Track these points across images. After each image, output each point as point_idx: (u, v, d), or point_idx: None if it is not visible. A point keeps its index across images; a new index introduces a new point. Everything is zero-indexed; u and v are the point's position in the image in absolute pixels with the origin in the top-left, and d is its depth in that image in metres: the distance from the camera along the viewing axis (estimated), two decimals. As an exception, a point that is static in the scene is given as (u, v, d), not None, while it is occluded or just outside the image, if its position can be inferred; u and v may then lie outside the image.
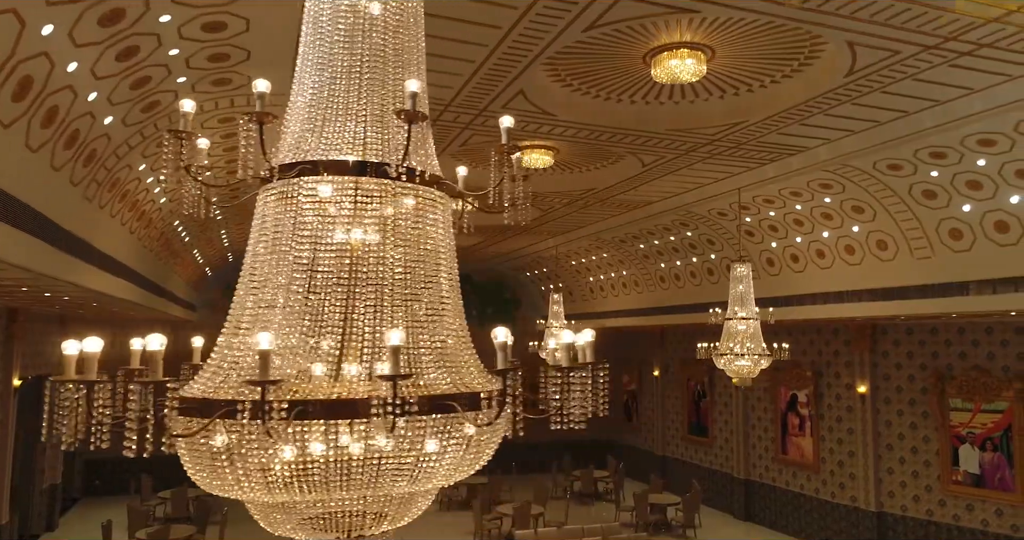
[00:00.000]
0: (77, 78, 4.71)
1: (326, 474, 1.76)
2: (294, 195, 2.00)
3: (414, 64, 2.04)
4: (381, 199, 1.89)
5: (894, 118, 7.24)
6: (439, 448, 1.77)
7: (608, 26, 5.38)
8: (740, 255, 10.54)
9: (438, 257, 2.02)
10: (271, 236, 2.02)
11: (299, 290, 1.89)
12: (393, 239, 1.93)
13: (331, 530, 1.92)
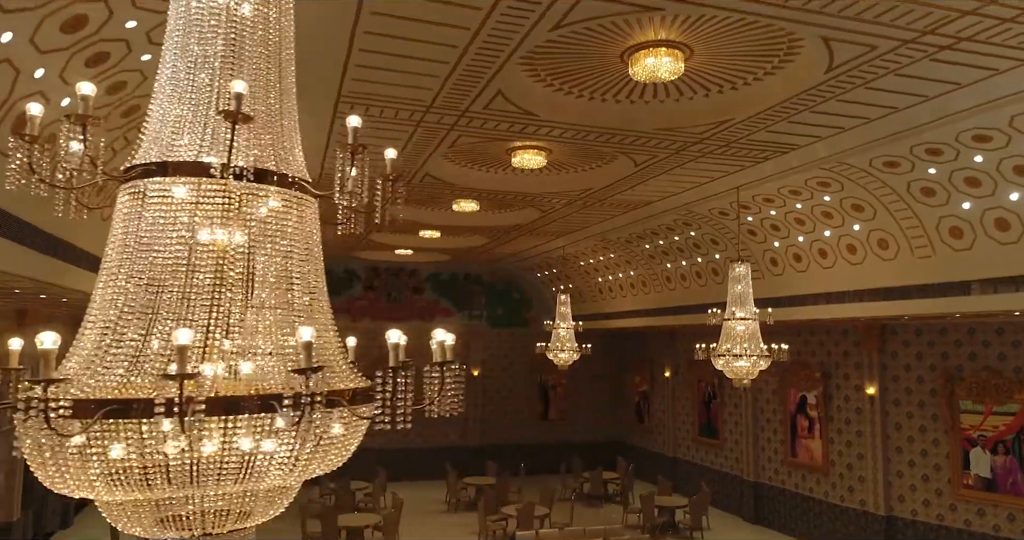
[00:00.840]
0: (45, 84, 4.80)
1: (176, 472, 1.76)
2: (145, 195, 2.01)
3: (280, 65, 2.03)
4: (233, 200, 1.89)
5: (884, 114, 7.10)
6: (273, 445, 1.76)
7: (577, 25, 5.34)
8: (739, 255, 10.42)
9: (301, 256, 2.02)
10: (122, 235, 2.03)
11: (153, 288, 1.90)
12: (252, 239, 1.92)
13: (185, 529, 1.93)
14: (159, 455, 1.74)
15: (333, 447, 1.86)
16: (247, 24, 1.96)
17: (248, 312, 1.87)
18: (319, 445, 1.82)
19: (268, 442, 1.73)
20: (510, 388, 21.30)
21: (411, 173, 9.86)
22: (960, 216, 8.47)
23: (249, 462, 1.75)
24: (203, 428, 1.67)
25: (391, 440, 19.73)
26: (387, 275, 20.45)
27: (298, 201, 2.10)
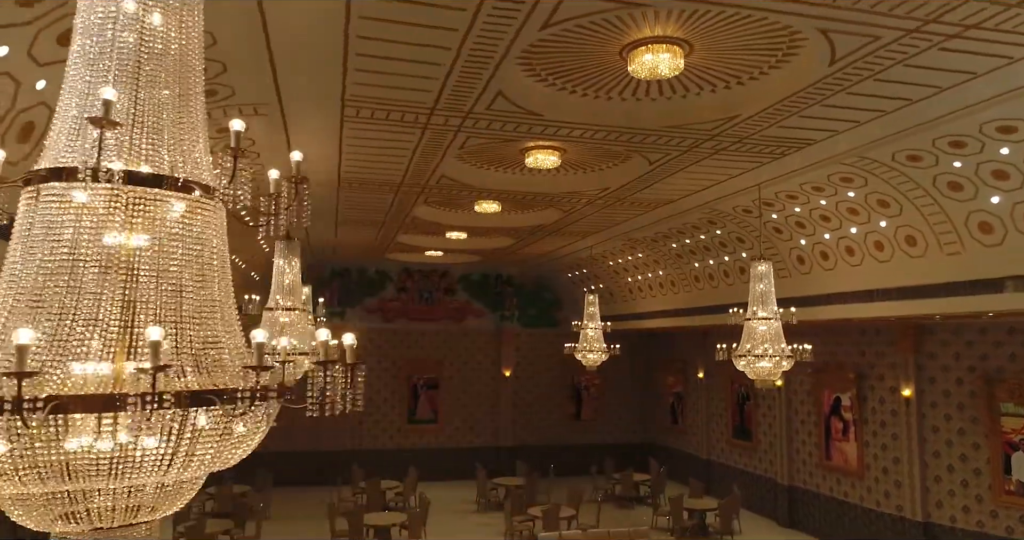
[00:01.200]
0: (48, 95, 5.00)
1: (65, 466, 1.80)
2: (43, 199, 2.06)
3: (181, 73, 2.07)
4: (130, 204, 1.94)
5: (899, 107, 6.87)
6: (157, 442, 1.80)
7: (568, 22, 5.32)
8: (761, 253, 10.20)
9: (201, 259, 2.05)
10: (25, 237, 2.08)
11: (53, 289, 1.95)
12: (153, 242, 1.97)
13: (82, 523, 1.98)
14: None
15: (219, 444, 1.89)
16: (146, 32, 2.00)
17: (142, 313, 1.92)
18: (197, 441, 1.85)
19: (122, 437, 1.76)
20: (542, 389, 21.27)
21: (427, 175, 9.94)
22: (989, 210, 8.14)
23: (121, 459, 1.79)
24: (53, 426, 1.71)
25: (423, 440, 19.94)
26: (419, 276, 20.64)
27: (202, 205, 2.14)
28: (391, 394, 20.17)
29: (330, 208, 12.07)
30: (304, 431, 19.38)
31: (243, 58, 5.79)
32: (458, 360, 20.77)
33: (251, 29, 5.24)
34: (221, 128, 7.19)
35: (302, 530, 14.37)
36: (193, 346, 1.97)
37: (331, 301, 19.79)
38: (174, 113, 2.02)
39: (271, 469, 18.62)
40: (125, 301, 1.87)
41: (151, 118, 2.00)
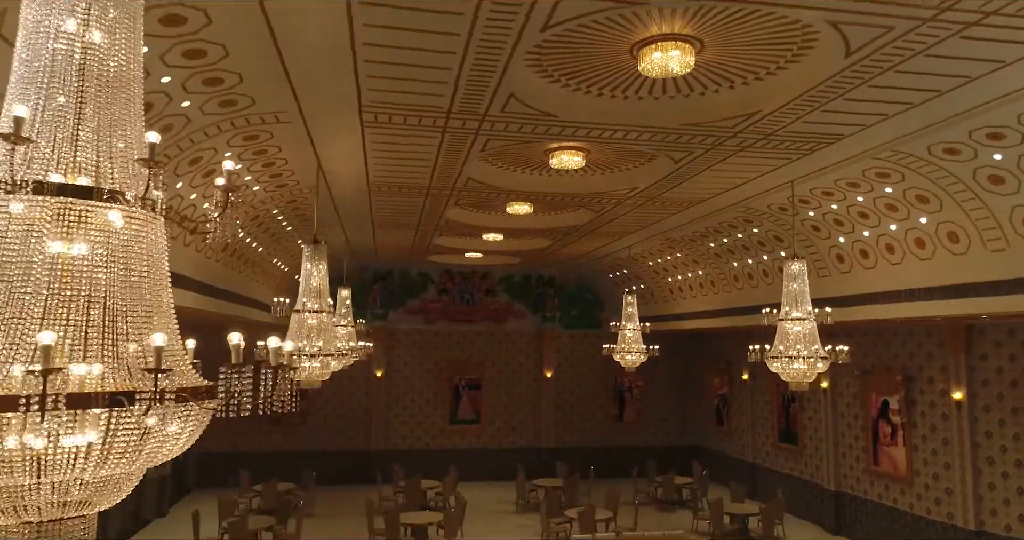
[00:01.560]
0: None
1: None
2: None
3: (119, 89, 2.14)
4: (65, 214, 2.02)
5: (927, 98, 6.60)
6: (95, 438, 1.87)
7: (570, 22, 5.30)
8: (794, 252, 9.94)
9: (131, 266, 2.12)
10: None
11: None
12: (92, 254, 2.05)
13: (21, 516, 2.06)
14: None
15: (139, 443, 1.95)
16: (82, 46, 2.08)
17: (81, 320, 2.00)
18: (111, 440, 1.92)
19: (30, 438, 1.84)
20: (585, 390, 21.16)
21: (454, 177, 10.03)
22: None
23: (42, 456, 1.87)
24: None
25: (465, 441, 20.07)
26: (460, 278, 20.80)
27: (142, 218, 2.21)
28: (433, 395, 20.39)
29: (362, 211, 12.29)
30: (348, 431, 19.76)
31: (257, 68, 5.96)
32: (499, 361, 20.85)
33: (260, 40, 5.39)
34: (248, 136, 7.43)
35: (342, 528, 14.66)
36: (118, 350, 2.05)
37: (374, 303, 20.15)
38: (108, 126, 2.09)
39: (315, 468, 19.03)
40: (51, 306, 1.96)
41: (82, 131, 2.08)
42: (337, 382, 19.47)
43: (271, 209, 10.93)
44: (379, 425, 19.80)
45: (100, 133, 2.07)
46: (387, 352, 20.11)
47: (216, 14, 4.94)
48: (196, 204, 8.69)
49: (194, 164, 7.57)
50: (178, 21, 4.90)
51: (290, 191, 10.26)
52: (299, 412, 19.41)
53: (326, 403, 19.67)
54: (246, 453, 18.84)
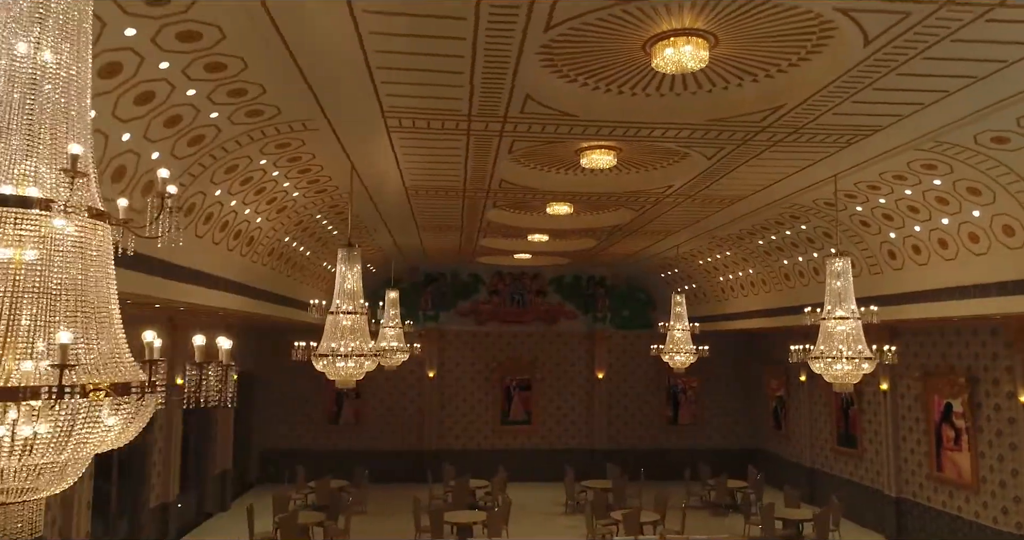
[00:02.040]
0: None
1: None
2: None
3: (60, 99, 2.25)
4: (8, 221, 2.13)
5: (964, 85, 6.28)
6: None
7: (574, 21, 5.29)
8: (837, 248, 9.59)
9: (72, 270, 2.23)
10: None
11: None
12: (30, 255, 2.17)
13: None
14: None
15: (70, 434, 2.06)
16: (17, 63, 2.20)
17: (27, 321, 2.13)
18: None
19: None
20: (637, 391, 20.92)
21: (487, 179, 10.11)
22: (1093, 195, 7.27)
23: None
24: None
25: (516, 441, 20.14)
26: (510, 279, 20.90)
27: (85, 224, 2.29)
28: (484, 395, 20.54)
29: (404, 214, 12.52)
30: (402, 431, 20.12)
31: (277, 79, 6.17)
32: (550, 362, 20.83)
33: (275, 50, 5.59)
34: (280, 144, 7.69)
35: (392, 525, 14.94)
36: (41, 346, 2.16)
37: (426, 305, 20.46)
38: (50, 135, 2.20)
39: (370, 466, 19.43)
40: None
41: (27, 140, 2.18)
42: (390, 383, 19.90)
43: (314, 214, 11.26)
44: (432, 425, 20.09)
45: (39, 142, 2.19)
46: (439, 353, 20.39)
47: (229, 29, 5.15)
48: (237, 210, 9.04)
49: (230, 172, 7.89)
50: (193, 37, 5.13)
51: (330, 196, 10.55)
52: (353, 412, 19.91)
53: (380, 403, 20.09)
54: (304, 451, 19.42)
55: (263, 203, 9.42)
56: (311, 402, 19.77)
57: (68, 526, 9.75)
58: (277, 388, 19.57)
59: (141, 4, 4.55)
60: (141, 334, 2.56)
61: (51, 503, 9.46)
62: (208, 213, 8.34)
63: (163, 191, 2.54)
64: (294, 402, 19.72)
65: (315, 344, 8.62)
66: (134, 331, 2.58)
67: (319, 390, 19.78)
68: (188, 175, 7.25)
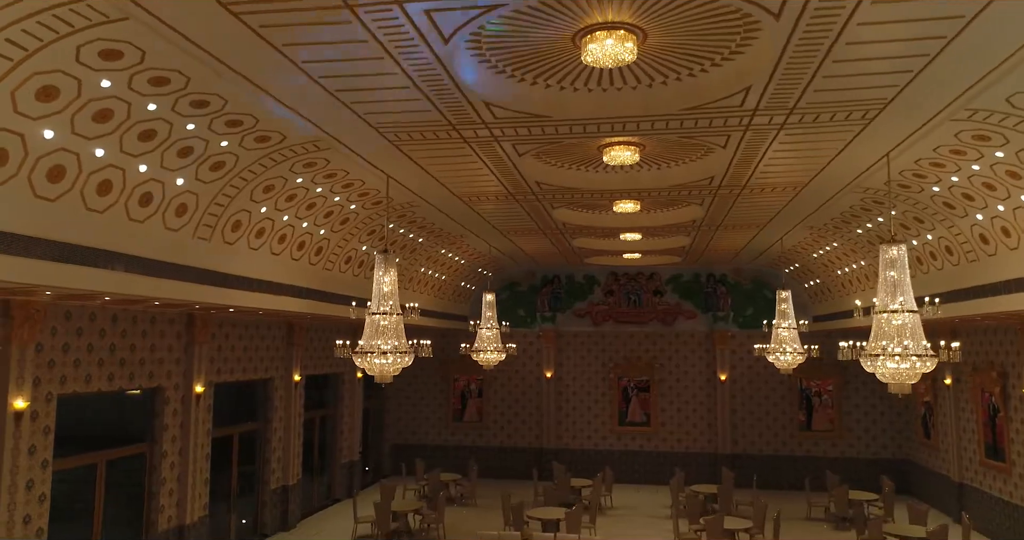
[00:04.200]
0: (112, 159, 6.72)
1: None
2: None
3: None
4: None
5: (943, 46, 5.61)
6: None
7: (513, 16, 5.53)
8: (891, 234, 8.68)
9: None
10: None
11: None
12: None
13: None
14: None
15: None
16: None
17: None
18: None
19: None
20: (764, 394, 19.78)
21: (522, 182, 10.39)
22: None
23: None
24: None
25: (635, 443, 19.94)
26: (626, 279, 20.74)
27: None
28: (602, 396, 20.54)
29: (476, 219, 13.10)
30: (522, 429, 20.72)
31: (260, 109, 7.00)
32: (669, 363, 20.34)
33: (241, 86, 6.40)
34: (307, 163, 8.59)
35: (491, 517, 15.51)
36: None
37: (543, 307, 20.93)
38: None
39: (490, 462, 20.30)
40: None
41: None
42: (512, 382, 20.65)
43: (381, 222, 12.20)
44: (550, 424, 20.46)
45: None
46: (557, 354, 20.73)
47: (192, 73, 6.02)
48: (294, 224, 10.15)
49: (268, 191, 8.94)
50: (162, 82, 6.07)
51: (394, 206, 11.37)
52: (476, 410, 20.86)
53: (501, 402, 20.84)
54: (430, 446, 20.70)
55: (320, 216, 10.46)
56: (437, 400, 21.02)
57: (184, 501, 11.45)
58: (407, 387, 21.07)
59: (98, 59, 5.52)
60: None
61: (167, 478, 11.20)
62: (259, 228, 9.48)
63: None
64: (422, 400, 21.08)
65: (349, 342, 9.48)
66: None
67: (445, 389, 21.01)
68: (223, 195, 8.37)
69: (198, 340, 11.71)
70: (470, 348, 15.52)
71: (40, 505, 8.82)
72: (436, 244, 14.84)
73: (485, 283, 16.97)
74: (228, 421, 13.32)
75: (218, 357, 12.56)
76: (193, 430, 11.64)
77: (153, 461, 11.10)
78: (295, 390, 15.07)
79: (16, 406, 8.41)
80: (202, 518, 11.88)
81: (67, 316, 9.29)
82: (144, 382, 10.75)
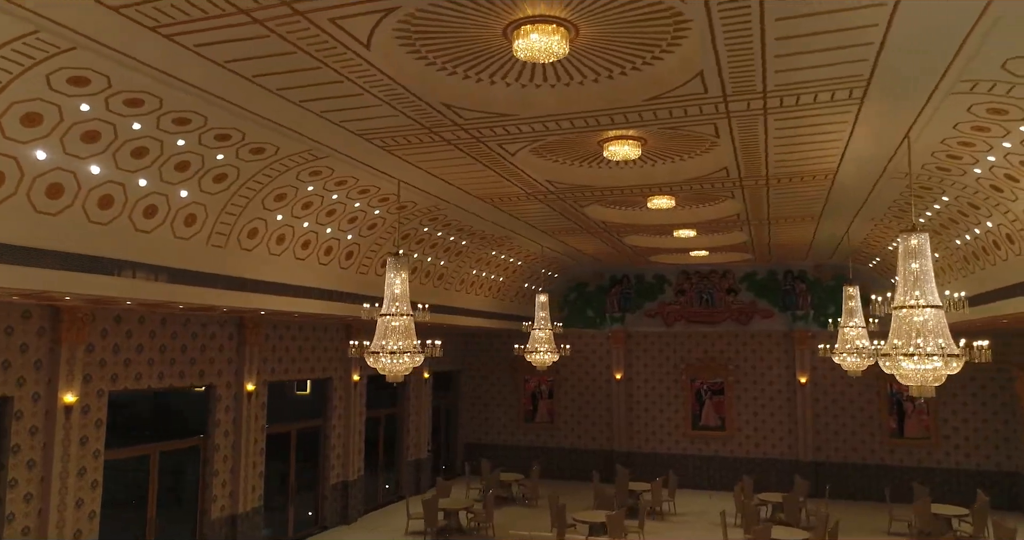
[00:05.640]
0: (110, 176, 7.37)
1: None
2: None
3: None
4: None
5: (890, 12, 5.11)
6: None
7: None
8: (913, 222, 7.90)
9: None
10: None
11: None
12: None
13: None
14: None
15: None
16: None
17: None
18: None
19: None
20: (851, 398, 18.46)
21: (532, 182, 10.34)
22: None
23: None
24: None
25: (709, 447, 19.22)
26: (697, 278, 20.03)
27: None
28: (674, 398, 19.92)
29: (510, 221, 13.15)
30: (593, 431, 20.49)
31: (248, 123, 7.42)
32: (745, 365, 19.43)
33: (223, 106, 6.84)
34: (312, 172, 9.02)
35: (543, 517, 15.44)
36: None
37: (612, 307, 20.62)
38: None
39: (560, 464, 20.26)
40: None
41: None
42: (582, 384, 20.53)
43: (422, 228, 12.50)
44: (621, 426, 20.09)
45: None
46: (626, 355, 20.34)
47: (164, 96, 6.52)
48: (317, 231, 10.63)
49: (280, 200, 9.43)
50: (137, 103, 6.60)
51: (410, 211, 11.64)
52: (547, 411, 20.85)
53: (572, 403, 20.71)
54: (502, 446, 20.90)
55: (344, 222, 10.90)
56: (509, 401, 21.20)
57: (236, 492, 12.26)
58: (479, 387, 21.41)
59: (69, 86, 6.10)
60: None
61: (219, 470, 12.04)
62: (280, 235, 10.02)
63: None
64: (494, 400, 21.34)
65: (368, 342, 9.79)
66: None
67: (516, 389, 21.16)
68: (233, 205, 8.92)
69: (249, 341, 12.51)
70: (523, 349, 15.57)
71: (92, 491, 9.77)
72: (483, 246, 15.01)
73: (540, 284, 16.97)
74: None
75: (272, 357, 13.36)
76: (245, 426, 12.44)
77: (207, 454, 11.97)
78: (355, 389, 15.72)
79: (66, 400, 9.38)
80: (256, 508, 12.67)
81: (116, 319, 10.24)
82: (195, 380, 11.63)
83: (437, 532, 14.11)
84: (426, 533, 13.87)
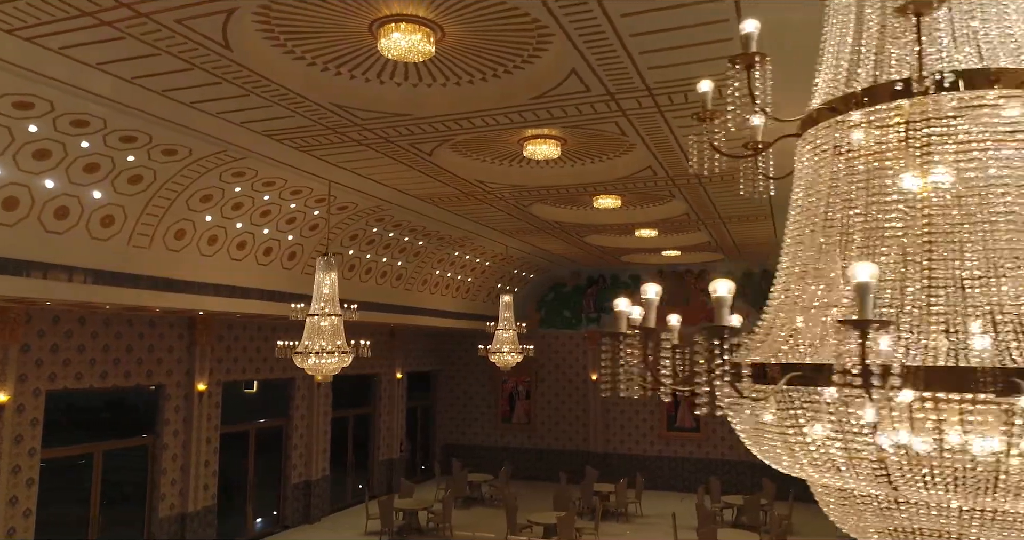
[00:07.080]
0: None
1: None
2: None
3: None
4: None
5: None
6: None
7: (262, 37, 5.66)
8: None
9: None
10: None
11: None
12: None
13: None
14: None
15: None
16: None
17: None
18: None
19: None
20: (826, 399, 18.18)
21: (468, 184, 10.32)
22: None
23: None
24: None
25: (685, 449, 19.03)
26: (673, 278, 19.87)
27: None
28: (649, 399, 19.71)
29: (460, 221, 13.15)
30: (569, 432, 20.40)
31: (155, 126, 7.50)
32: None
33: (122, 113, 6.92)
34: (235, 172, 9.05)
35: (504, 517, 15.39)
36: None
37: (588, 307, 20.53)
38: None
39: (536, 465, 20.19)
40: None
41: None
42: (559, 384, 20.43)
43: (370, 228, 12.52)
44: (598, 428, 19.99)
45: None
46: (601, 356, 20.21)
47: (57, 102, 6.61)
48: (253, 232, 10.68)
49: (206, 201, 9.50)
50: (26, 105, 6.70)
51: (354, 211, 11.66)
52: (525, 412, 20.81)
53: (548, 404, 20.64)
54: (479, 446, 20.89)
55: (282, 222, 10.95)
56: (487, 401, 21.18)
57: (187, 490, 12.38)
58: (457, 388, 21.41)
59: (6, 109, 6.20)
60: None
61: (168, 468, 12.15)
62: (211, 236, 10.09)
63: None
64: (472, 401, 21.34)
65: (296, 342, 9.83)
66: None
67: (494, 390, 21.14)
68: (154, 206, 9.00)
69: (199, 341, 12.63)
70: (487, 350, 15.55)
71: (28, 488, 9.91)
72: (442, 247, 15.01)
73: (515, 285, 16.94)
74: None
75: (227, 357, 13.46)
76: (196, 424, 12.56)
77: (155, 452, 12.10)
78: (318, 390, 15.79)
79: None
80: (207, 507, 12.78)
81: (55, 320, 10.39)
82: (142, 380, 11.76)
83: (396, 532, 14.15)
84: (382, 533, 13.90)
